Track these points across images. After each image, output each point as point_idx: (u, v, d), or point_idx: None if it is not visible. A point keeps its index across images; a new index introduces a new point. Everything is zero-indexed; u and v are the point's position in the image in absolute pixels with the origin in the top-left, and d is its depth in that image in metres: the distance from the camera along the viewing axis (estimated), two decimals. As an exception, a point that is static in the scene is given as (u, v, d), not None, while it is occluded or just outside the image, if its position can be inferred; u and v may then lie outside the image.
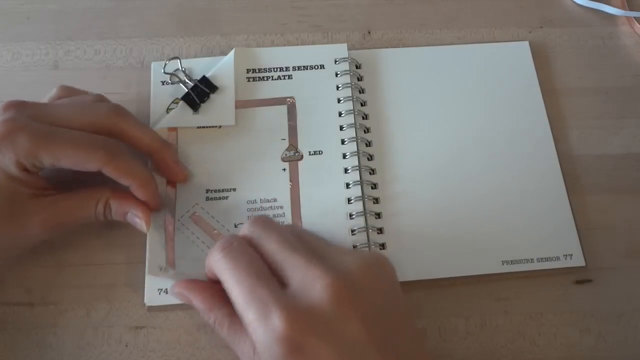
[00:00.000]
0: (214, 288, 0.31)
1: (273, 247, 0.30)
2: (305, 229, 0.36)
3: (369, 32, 0.45)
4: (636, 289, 0.37)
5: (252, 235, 0.31)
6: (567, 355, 0.35)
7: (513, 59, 0.43)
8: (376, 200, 0.38)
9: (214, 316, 0.31)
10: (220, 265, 0.29)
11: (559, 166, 0.39)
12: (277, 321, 0.26)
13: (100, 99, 0.37)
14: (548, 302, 0.36)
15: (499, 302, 0.36)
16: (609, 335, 0.36)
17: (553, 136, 0.40)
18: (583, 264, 0.37)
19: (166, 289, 0.35)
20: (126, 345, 0.35)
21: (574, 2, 0.47)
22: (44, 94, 0.41)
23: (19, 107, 0.32)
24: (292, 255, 0.29)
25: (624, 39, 0.45)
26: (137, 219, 0.34)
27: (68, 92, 0.37)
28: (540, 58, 0.43)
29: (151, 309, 0.35)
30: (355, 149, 0.39)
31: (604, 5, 0.46)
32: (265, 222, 0.31)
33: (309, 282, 0.28)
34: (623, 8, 0.46)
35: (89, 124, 0.33)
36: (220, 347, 0.35)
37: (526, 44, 0.44)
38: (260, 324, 0.27)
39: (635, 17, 0.46)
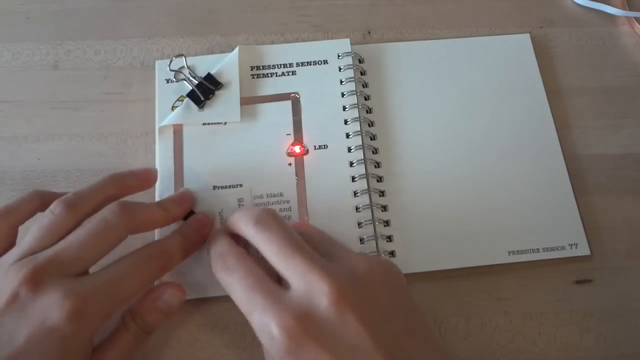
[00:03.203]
0: None
1: (274, 249, 0.29)
2: (312, 227, 0.35)
3: (369, 32, 0.45)
4: (636, 289, 0.37)
5: (254, 235, 0.30)
6: (567, 355, 0.35)
7: (515, 52, 0.44)
8: (382, 193, 0.38)
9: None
10: (220, 279, 0.30)
11: (563, 158, 0.40)
12: (274, 328, 0.26)
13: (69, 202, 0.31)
14: (548, 302, 0.36)
15: (499, 302, 0.36)
16: (609, 335, 0.36)
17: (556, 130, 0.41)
18: (588, 252, 0.37)
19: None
20: (126, 345, 0.34)
21: (574, 2, 0.47)
22: (44, 94, 0.42)
23: (43, 273, 0.28)
24: (293, 257, 0.28)
25: (624, 39, 0.45)
26: (168, 291, 0.32)
27: (40, 200, 0.33)
28: (541, 58, 0.43)
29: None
30: (360, 143, 0.39)
31: (604, 5, 0.46)
32: (267, 222, 0.30)
33: (309, 286, 0.27)
34: (623, 8, 0.46)
35: (110, 244, 0.30)
36: (220, 347, 0.35)
37: (527, 36, 0.44)
38: (262, 331, 0.27)
39: (635, 17, 0.46)
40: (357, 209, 0.38)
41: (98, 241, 0.30)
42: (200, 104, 0.40)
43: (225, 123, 0.40)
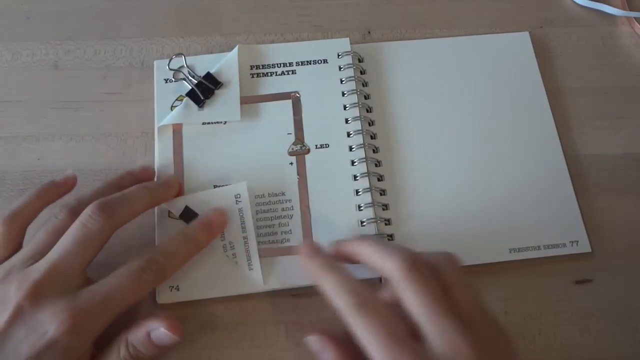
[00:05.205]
0: (352, 345, 0.29)
1: (423, 304, 0.28)
2: (452, 267, 0.31)
3: (369, 32, 0.45)
4: (636, 289, 0.37)
5: (401, 281, 0.29)
6: (567, 355, 0.35)
7: (515, 51, 0.44)
8: (383, 192, 0.38)
9: None
10: (354, 321, 0.29)
11: (563, 157, 0.40)
12: None
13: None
14: (548, 302, 0.36)
15: (499, 302, 0.36)
16: (609, 335, 0.36)
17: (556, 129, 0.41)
18: (589, 249, 0.37)
19: (177, 286, 0.35)
20: (126, 345, 0.34)
21: (574, 2, 0.47)
22: (44, 94, 0.42)
23: (42, 287, 0.30)
24: (444, 318, 0.28)
25: (624, 39, 0.45)
26: (162, 328, 0.31)
27: (43, 199, 0.34)
28: (541, 58, 0.43)
29: (156, 307, 0.35)
30: (361, 142, 0.39)
31: (604, 5, 0.46)
32: (421, 272, 0.29)
33: (454, 352, 0.27)
34: (623, 8, 0.46)
35: (94, 247, 0.32)
36: (221, 347, 0.35)
37: (527, 36, 0.44)
38: None
39: (635, 17, 0.46)
40: (358, 207, 0.38)
41: (82, 247, 0.31)
42: (200, 103, 0.40)
43: (225, 122, 0.40)
